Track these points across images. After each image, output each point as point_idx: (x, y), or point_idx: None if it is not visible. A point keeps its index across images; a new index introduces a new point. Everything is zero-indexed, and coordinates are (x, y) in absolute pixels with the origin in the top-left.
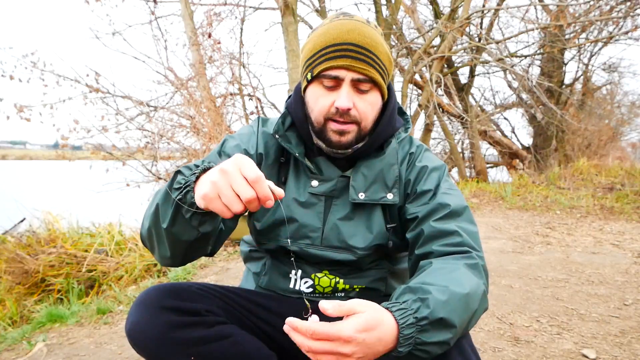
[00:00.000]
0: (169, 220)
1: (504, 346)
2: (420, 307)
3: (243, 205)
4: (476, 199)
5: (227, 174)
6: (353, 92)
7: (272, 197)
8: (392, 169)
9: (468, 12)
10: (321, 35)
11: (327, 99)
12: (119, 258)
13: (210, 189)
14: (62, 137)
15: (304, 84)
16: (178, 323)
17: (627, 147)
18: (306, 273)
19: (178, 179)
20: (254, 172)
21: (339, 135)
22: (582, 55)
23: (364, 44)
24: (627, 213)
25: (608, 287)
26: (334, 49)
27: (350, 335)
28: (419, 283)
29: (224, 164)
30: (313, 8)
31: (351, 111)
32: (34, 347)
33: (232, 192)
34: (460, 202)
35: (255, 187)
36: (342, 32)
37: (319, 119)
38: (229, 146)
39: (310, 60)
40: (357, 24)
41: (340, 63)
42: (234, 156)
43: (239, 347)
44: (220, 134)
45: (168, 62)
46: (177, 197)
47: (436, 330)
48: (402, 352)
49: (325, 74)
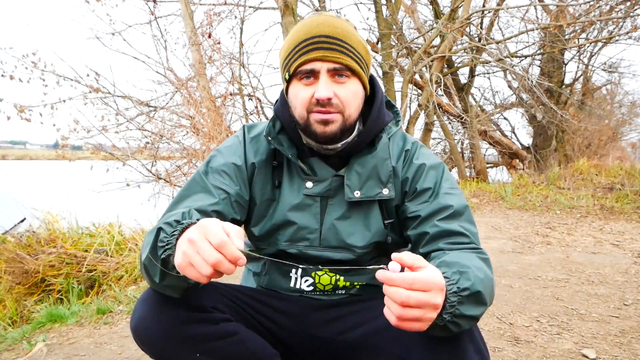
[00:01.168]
0: (159, 277)
1: (504, 346)
2: (461, 279)
3: (212, 269)
4: (476, 199)
5: (194, 243)
6: (331, 82)
7: (241, 257)
8: (385, 164)
9: (468, 12)
10: (293, 35)
11: (306, 92)
12: (119, 258)
13: (182, 259)
14: (62, 137)
15: (285, 85)
16: (184, 319)
17: (627, 147)
18: (306, 271)
19: (161, 236)
20: (218, 237)
21: (323, 125)
22: (582, 55)
23: (335, 34)
24: (627, 213)
25: (608, 287)
26: (306, 44)
27: (442, 283)
28: (451, 260)
29: (192, 232)
30: (313, 8)
31: (332, 100)
32: (34, 347)
33: (200, 259)
34: (462, 202)
35: (222, 251)
36: (311, 27)
37: (302, 114)
38: (216, 163)
39: (285, 60)
40: (327, 17)
41: (313, 56)
42: (198, 223)
43: (244, 345)
44: (220, 133)
45: (168, 62)
46: (161, 256)
47: (472, 304)
48: (444, 319)
49: (301, 69)
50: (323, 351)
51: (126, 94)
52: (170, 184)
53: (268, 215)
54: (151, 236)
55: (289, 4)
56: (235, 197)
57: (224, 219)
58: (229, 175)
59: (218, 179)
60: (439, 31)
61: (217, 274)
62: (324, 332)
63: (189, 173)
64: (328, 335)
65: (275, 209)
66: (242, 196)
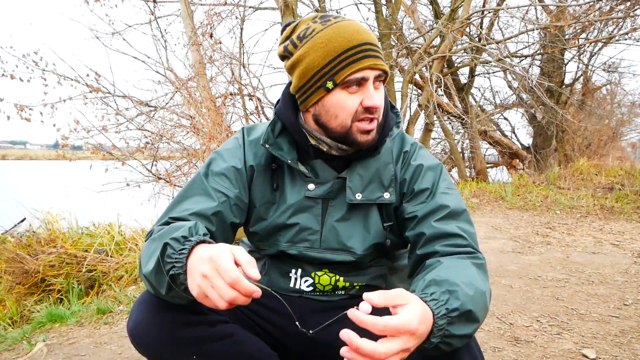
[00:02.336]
0: (166, 289)
1: (504, 346)
2: (450, 299)
3: (228, 304)
4: (476, 199)
5: (208, 279)
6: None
7: (255, 290)
8: (388, 168)
9: (468, 12)
10: (330, 41)
11: (354, 101)
12: (119, 258)
13: (198, 292)
14: (63, 137)
15: (321, 94)
16: (180, 322)
17: (627, 147)
18: (306, 272)
19: (168, 252)
20: (230, 276)
21: (366, 134)
22: (582, 55)
23: (373, 41)
24: (627, 213)
25: (608, 287)
26: (354, 51)
27: (417, 327)
28: (441, 277)
29: (204, 266)
30: (313, 8)
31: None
32: (34, 347)
33: (215, 294)
34: (459, 202)
35: (237, 288)
36: (352, 32)
37: (345, 123)
38: (216, 166)
39: (327, 68)
40: (357, 24)
41: (366, 64)
42: (209, 255)
43: (241, 347)
44: (220, 133)
45: (168, 62)
46: (169, 272)
47: (463, 323)
48: (433, 343)
49: (350, 78)
50: (321, 354)
51: (126, 94)
52: (170, 184)
53: (269, 217)
54: (154, 248)
55: (289, 4)
56: (234, 200)
57: (224, 222)
58: (229, 179)
59: (218, 182)
60: (439, 31)
61: (232, 305)
62: (323, 335)
63: (189, 173)
64: (326, 339)
65: (276, 210)
66: (241, 199)
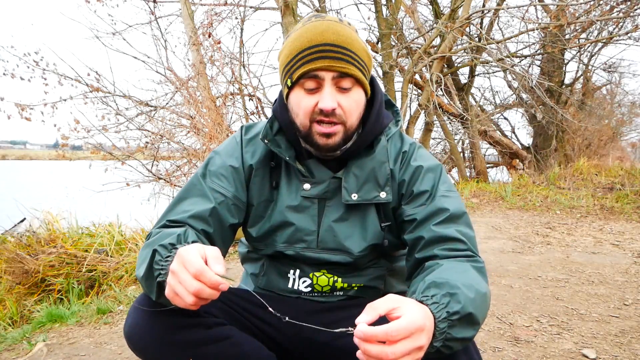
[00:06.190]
0: (155, 295)
1: (504, 346)
2: (450, 302)
3: (195, 297)
4: (476, 199)
5: (175, 274)
6: (336, 92)
7: (221, 282)
8: (383, 167)
9: (468, 12)
10: (295, 39)
11: (310, 101)
12: (119, 258)
13: (168, 290)
14: (63, 136)
15: (285, 91)
16: (177, 325)
17: (627, 147)
18: (304, 272)
19: (156, 258)
20: (194, 267)
21: (325, 138)
22: (582, 55)
23: (340, 42)
24: (627, 213)
25: (608, 287)
26: (310, 51)
27: (423, 322)
28: (441, 279)
29: (173, 263)
30: (313, 8)
31: (336, 110)
32: (34, 347)
33: (182, 289)
34: (459, 205)
35: (201, 279)
36: (315, 33)
37: (304, 123)
38: (214, 166)
39: (288, 66)
40: (330, 24)
41: (318, 65)
42: (178, 252)
43: (238, 349)
44: (220, 133)
45: (168, 62)
46: (157, 279)
47: (464, 326)
48: (436, 346)
49: (304, 77)
50: (319, 355)
51: (126, 94)
52: (170, 184)
53: (266, 217)
54: (146, 254)
55: (289, 4)
56: (232, 200)
57: (222, 222)
58: (227, 178)
59: (216, 182)
60: (439, 31)
61: (202, 301)
62: (320, 335)
63: (189, 173)
64: (324, 340)
65: (273, 210)
66: (239, 199)
